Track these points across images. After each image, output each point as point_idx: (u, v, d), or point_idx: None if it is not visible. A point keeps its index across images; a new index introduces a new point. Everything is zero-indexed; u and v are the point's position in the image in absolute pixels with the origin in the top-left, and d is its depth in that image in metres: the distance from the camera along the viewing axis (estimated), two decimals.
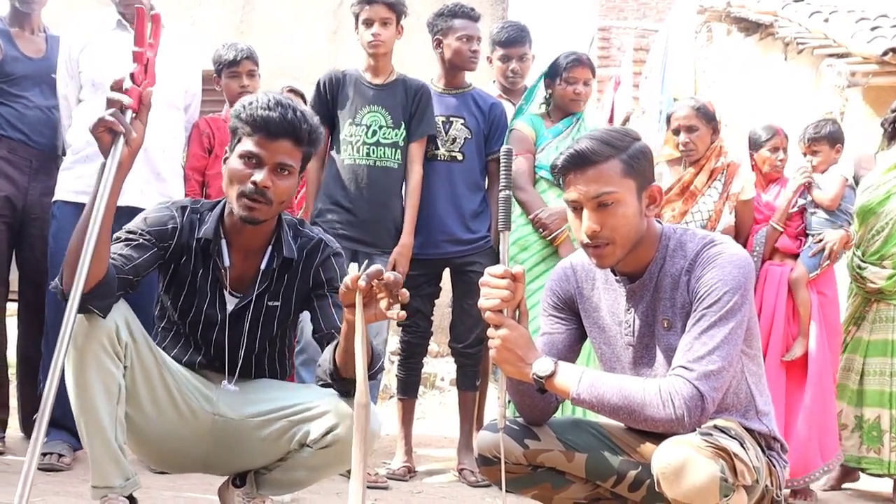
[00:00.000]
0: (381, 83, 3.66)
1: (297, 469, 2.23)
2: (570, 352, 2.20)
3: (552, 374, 1.95)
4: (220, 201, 2.32)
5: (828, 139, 4.03)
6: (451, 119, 3.79)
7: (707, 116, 3.66)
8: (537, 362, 1.97)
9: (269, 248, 2.29)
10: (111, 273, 2.06)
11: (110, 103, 1.96)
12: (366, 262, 1.92)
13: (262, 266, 2.28)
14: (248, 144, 2.17)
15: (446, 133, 3.77)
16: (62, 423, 3.17)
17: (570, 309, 2.22)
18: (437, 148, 3.76)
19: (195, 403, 2.28)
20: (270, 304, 2.30)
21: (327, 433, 2.15)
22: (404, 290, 1.86)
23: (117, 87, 1.97)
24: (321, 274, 2.31)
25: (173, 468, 2.47)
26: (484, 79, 4.47)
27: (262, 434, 2.24)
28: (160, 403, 2.24)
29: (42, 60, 3.59)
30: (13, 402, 3.64)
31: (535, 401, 2.12)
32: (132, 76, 2.00)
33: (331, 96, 3.65)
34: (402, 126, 3.63)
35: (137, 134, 1.99)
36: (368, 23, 3.59)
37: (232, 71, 3.78)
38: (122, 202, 3.21)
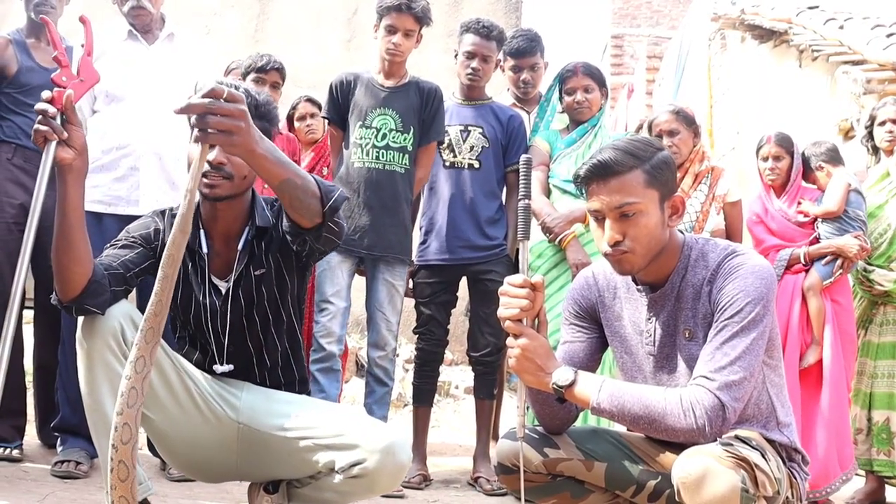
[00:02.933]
0: (394, 85, 3.67)
1: (326, 490, 2.21)
2: (590, 361, 2.20)
3: (572, 384, 1.94)
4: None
5: (826, 158, 4.04)
6: (470, 128, 3.81)
7: (687, 120, 3.67)
8: (557, 372, 1.96)
9: (247, 228, 2.31)
10: (98, 271, 2.11)
11: (38, 113, 1.99)
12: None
13: (240, 245, 2.30)
14: None
15: (464, 141, 3.78)
16: (80, 431, 3.20)
17: (592, 318, 2.21)
18: (455, 155, 3.78)
19: (219, 410, 2.28)
20: (257, 272, 2.29)
21: (354, 465, 2.12)
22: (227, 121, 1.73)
23: (46, 98, 2.01)
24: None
25: (208, 476, 2.46)
26: (498, 87, 4.48)
27: (287, 449, 2.23)
28: (184, 407, 2.25)
29: (56, 70, 3.61)
30: (30, 410, 3.65)
31: (555, 410, 2.11)
32: (53, 80, 2.05)
33: (342, 98, 3.67)
34: (412, 131, 3.63)
35: (74, 135, 2.01)
36: (392, 30, 3.59)
37: (258, 77, 3.89)
38: (138, 212, 3.28)
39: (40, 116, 1.98)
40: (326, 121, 3.78)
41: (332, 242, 2.20)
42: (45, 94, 2.01)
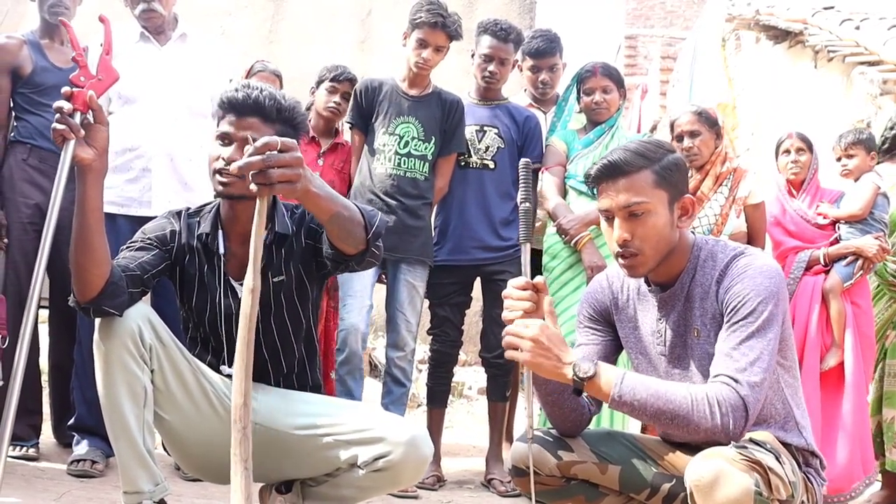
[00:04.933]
0: (418, 95, 3.69)
1: (346, 487, 2.22)
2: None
3: (593, 375, 1.88)
4: (217, 202, 2.35)
5: (865, 145, 4.03)
6: (486, 128, 3.81)
7: (709, 121, 3.64)
8: (578, 363, 1.89)
9: (265, 232, 2.29)
10: (116, 272, 2.11)
11: (56, 111, 2.00)
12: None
13: None
14: (222, 126, 2.22)
15: (479, 141, 3.78)
16: (95, 430, 3.22)
17: (606, 321, 2.22)
18: (470, 156, 3.78)
19: None
20: (275, 279, 2.29)
21: (379, 458, 2.13)
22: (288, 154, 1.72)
23: (65, 95, 2.02)
24: (312, 226, 2.29)
25: (219, 478, 2.44)
26: (515, 87, 4.46)
27: (306, 448, 2.23)
28: (200, 407, 2.25)
29: (71, 70, 3.59)
30: (45, 409, 3.66)
31: (567, 412, 2.10)
32: (71, 81, 2.07)
33: (367, 104, 3.68)
34: (433, 140, 3.65)
35: (97, 135, 2.02)
36: (423, 44, 3.59)
37: (332, 86, 3.88)
38: (150, 213, 3.29)
39: (58, 115, 1.98)
40: (350, 125, 3.79)
41: (373, 264, 2.21)
42: (65, 90, 2.02)
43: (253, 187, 1.70)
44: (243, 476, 1.69)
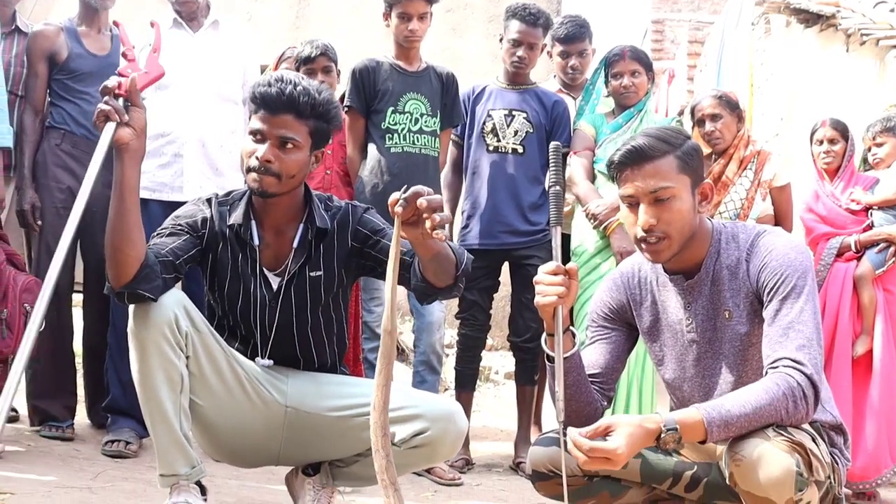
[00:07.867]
0: (416, 70, 3.67)
1: None
2: (617, 362, 2.20)
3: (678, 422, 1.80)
4: (246, 190, 2.35)
5: (894, 132, 3.98)
6: (514, 113, 3.80)
7: (730, 105, 3.62)
8: (662, 423, 1.81)
9: (301, 223, 2.30)
10: (150, 257, 2.11)
11: (102, 94, 2.05)
12: (405, 186, 1.82)
13: (296, 242, 2.29)
14: (254, 122, 2.22)
15: (508, 126, 3.77)
16: (129, 412, 3.26)
17: (622, 319, 2.21)
18: (499, 140, 3.77)
19: (266, 395, 2.30)
20: (313, 274, 2.29)
21: (417, 435, 2.16)
22: (445, 213, 1.81)
23: (113, 83, 2.07)
24: (362, 230, 2.31)
25: (245, 462, 2.47)
26: (543, 73, 4.45)
27: (340, 429, 2.25)
28: (233, 392, 2.26)
29: (106, 57, 3.66)
30: (80, 392, 3.72)
31: (582, 405, 2.09)
32: (119, 73, 2.13)
33: (368, 85, 3.60)
34: (438, 115, 3.65)
35: (135, 116, 2.06)
36: (406, 17, 3.57)
37: (307, 69, 3.78)
38: (182, 198, 3.32)
39: (105, 97, 2.02)
40: (347, 108, 3.63)
41: (454, 296, 2.27)
42: (113, 77, 2.07)
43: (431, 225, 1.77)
44: (395, 498, 1.77)
